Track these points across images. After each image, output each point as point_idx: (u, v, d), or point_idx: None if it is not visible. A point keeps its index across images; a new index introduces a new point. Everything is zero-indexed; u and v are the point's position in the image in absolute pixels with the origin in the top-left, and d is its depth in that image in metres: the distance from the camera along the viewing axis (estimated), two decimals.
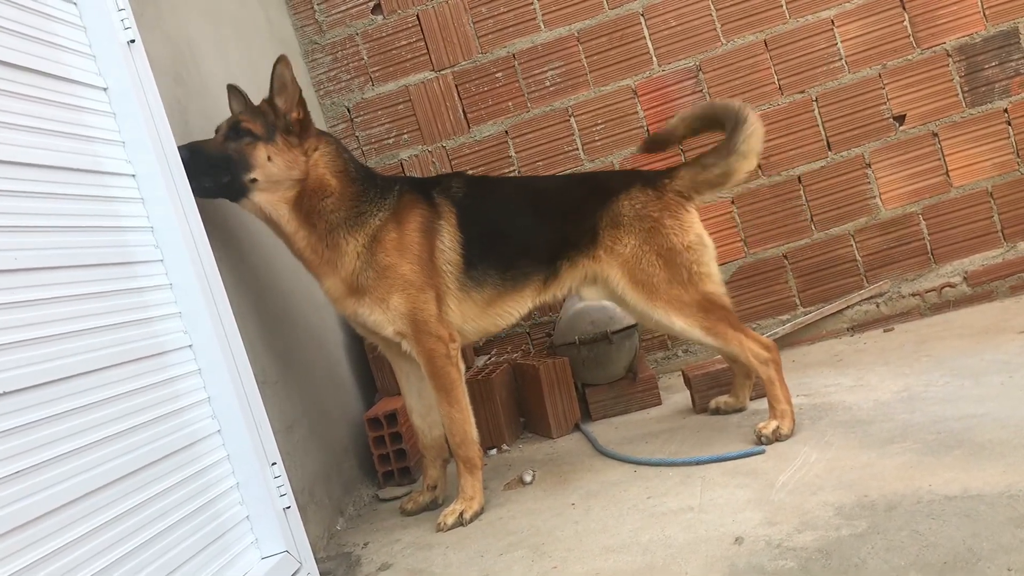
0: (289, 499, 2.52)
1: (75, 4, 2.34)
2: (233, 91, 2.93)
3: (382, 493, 3.41)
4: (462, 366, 2.94)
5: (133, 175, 2.38)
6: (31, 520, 1.68)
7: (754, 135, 3.00)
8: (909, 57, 4.07)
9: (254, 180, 2.75)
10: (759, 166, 4.14)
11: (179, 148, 2.54)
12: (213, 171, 2.68)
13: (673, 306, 2.96)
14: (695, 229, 3.03)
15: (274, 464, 2.50)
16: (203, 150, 2.69)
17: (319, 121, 4.32)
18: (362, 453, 3.54)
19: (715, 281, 3.02)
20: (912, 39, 4.06)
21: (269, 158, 2.75)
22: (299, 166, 2.80)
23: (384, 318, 2.86)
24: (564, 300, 3.34)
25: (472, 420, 2.93)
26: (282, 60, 2.77)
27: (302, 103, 2.82)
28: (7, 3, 2.05)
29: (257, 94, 2.86)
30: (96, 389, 1.98)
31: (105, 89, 2.36)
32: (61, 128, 2.13)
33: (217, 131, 2.80)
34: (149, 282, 2.32)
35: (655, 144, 3.50)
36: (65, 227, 2.05)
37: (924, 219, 4.13)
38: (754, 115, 3.02)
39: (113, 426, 2.00)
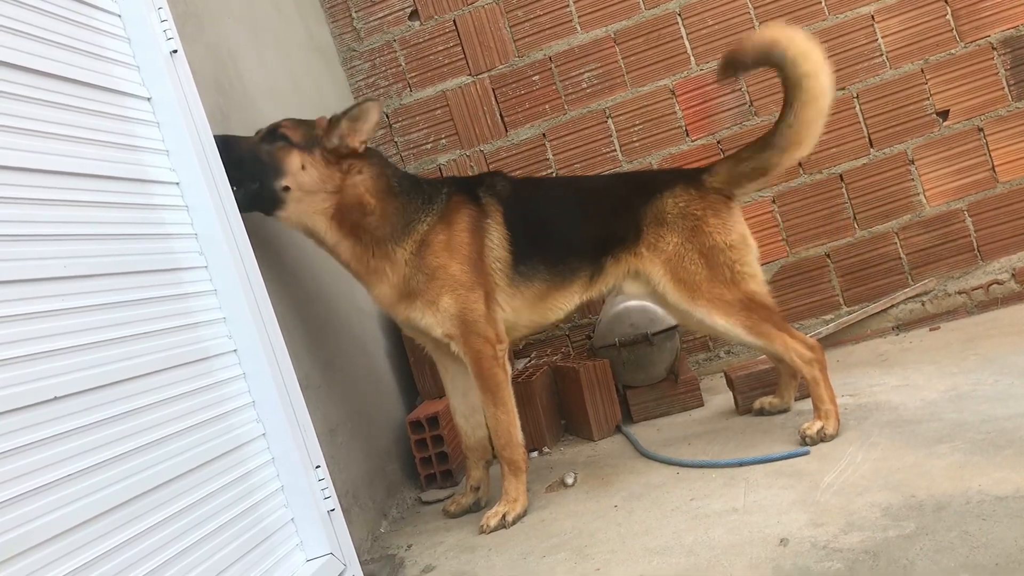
0: (333, 502, 2.54)
1: (119, 16, 2.38)
2: None
3: (425, 496, 3.43)
4: (509, 368, 2.95)
5: (177, 183, 2.41)
6: (83, 522, 1.72)
7: (801, 124, 2.84)
8: (952, 51, 4.01)
9: (286, 188, 2.75)
10: (799, 164, 4.11)
11: (215, 137, 2.53)
12: (241, 169, 2.64)
13: (715, 305, 2.94)
14: (738, 228, 3.01)
15: (318, 467, 2.53)
16: (235, 145, 2.67)
17: None
18: (404, 456, 3.57)
19: (758, 280, 2.99)
20: (955, 33, 4.00)
21: (303, 167, 2.75)
22: (333, 181, 2.81)
23: (434, 320, 2.87)
24: (607, 297, 3.31)
25: (518, 422, 2.94)
26: (376, 103, 2.81)
27: (366, 142, 2.85)
28: (56, 18, 2.09)
29: (297, 102, 2.90)
30: (144, 393, 2.02)
31: (149, 99, 2.41)
32: (107, 138, 2.17)
33: (256, 133, 2.82)
34: (194, 288, 2.35)
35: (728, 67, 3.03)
36: (112, 235, 2.09)
37: (970, 215, 4.06)
38: (811, 91, 2.80)
39: (161, 430, 2.04)
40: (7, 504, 1.55)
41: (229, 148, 2.62)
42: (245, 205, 2.68)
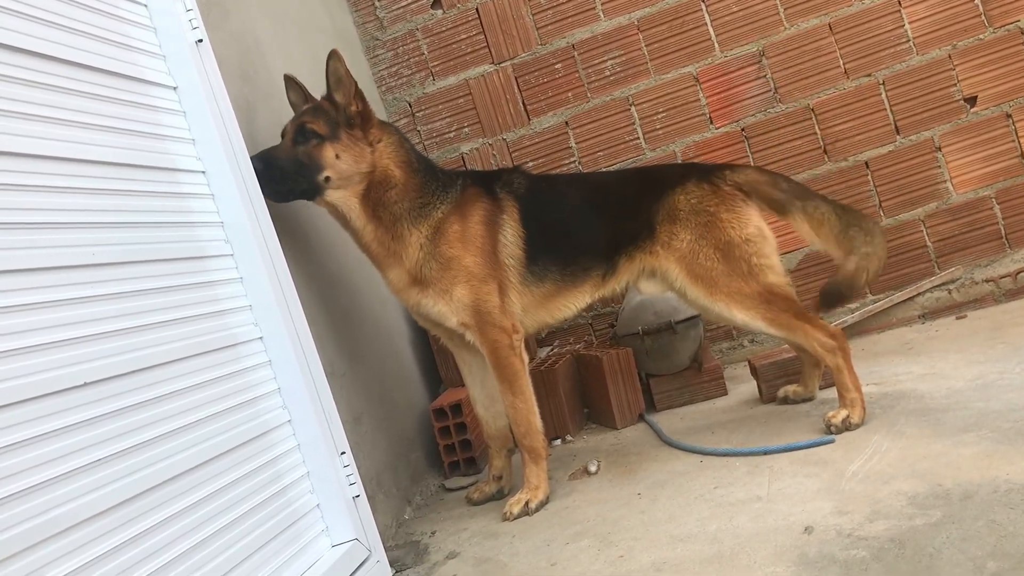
0: (358, 488, 2.55)
1: (145, 6, 2.40)
2: (290, 82, 3.00)
3: (448, 483, 3.45)
4: (525, 357, 2.96)
5: (203, 172, 2.43)
6: (115, 505, 1.75)
7: (829, 223, 3.02)
8: (980, 36, 3.95)
9: (327, 179, 2.80)
10: (824, 151, 4.08)
11: (252, 159, 2.60)
12: (287, 178, 2.75)
13: (734, 299, 2.93)
14: (754, 221, 2.99)
15: (343, 453, 2.55)
16: (275, 158, 2.74)
17: (381, 117, 4.35)
18: (428, 443, 3.58)
19: (776, 272, 2.98)
20: (984, 18, 3.94)
21: (337, 156, 2.80)
22: (366, 158, 2.84)
23: (448, 309, 2.88)
24: (624, 293, 3.32)
25: (536, 410, 2.95)
26: (334, 55, 2.80)
27: (359, 95, 2.85)
28: (84, 8, 2.11)
29: (320, 91, 2.90)
30: (172, 380, 2.04)
31: (175, 88, 2.43)
32: (134, 127, 2.19)
33: (283, 135, 2.84)
34: (220, 276, 2.37)
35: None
36: (140, 223, 2.11)
37: (998, 203, 4.01)
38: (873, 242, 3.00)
39: (190, 415, 2.06)
40: (42, 487, 1.58)
41: (271, 162, 2.71)
42: (288, 198, 2.83)
